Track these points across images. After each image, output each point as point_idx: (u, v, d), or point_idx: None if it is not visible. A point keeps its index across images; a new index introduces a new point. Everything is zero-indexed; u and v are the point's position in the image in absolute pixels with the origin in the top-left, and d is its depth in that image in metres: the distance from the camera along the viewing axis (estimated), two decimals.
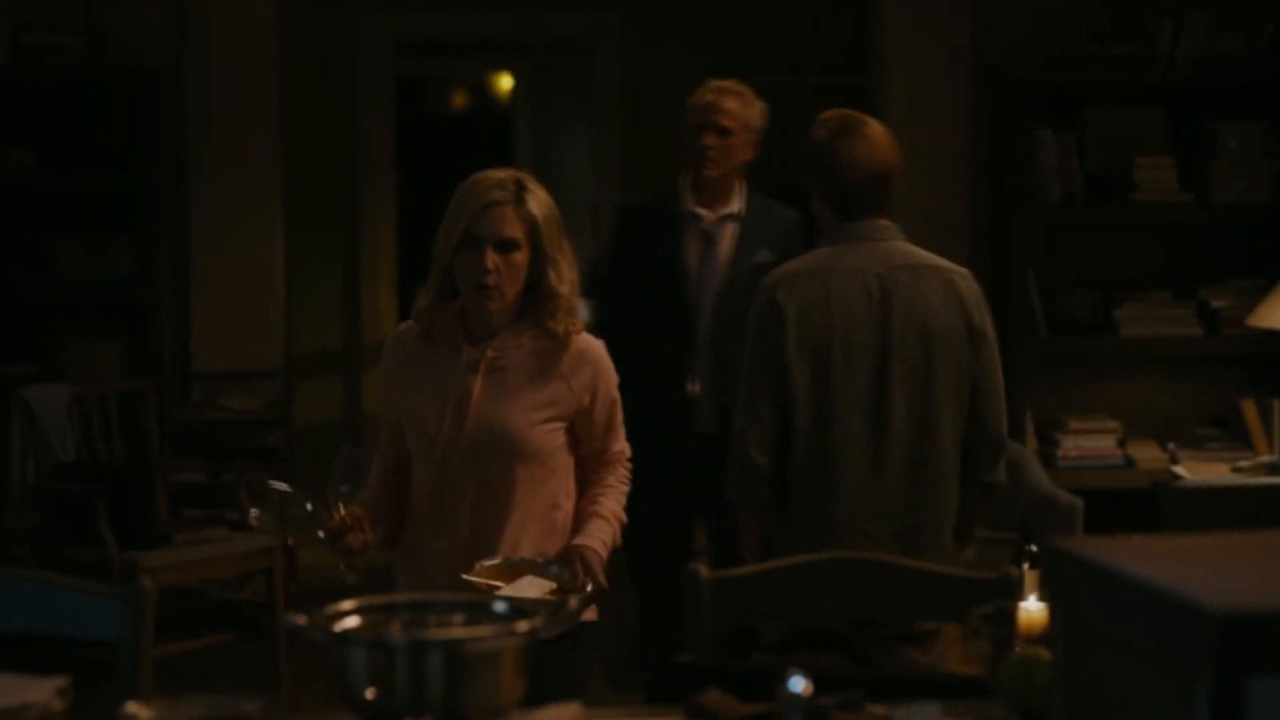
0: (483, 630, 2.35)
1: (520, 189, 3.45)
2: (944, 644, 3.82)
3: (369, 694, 2.26)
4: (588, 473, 3.61)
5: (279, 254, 7.48)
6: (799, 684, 2.26)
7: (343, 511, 3.40)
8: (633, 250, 5.27)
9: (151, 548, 6.25)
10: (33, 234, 7.08)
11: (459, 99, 12.34)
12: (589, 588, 3.26)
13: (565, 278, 3.48)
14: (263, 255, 7.41)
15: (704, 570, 3.17)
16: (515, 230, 3.42)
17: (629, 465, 3.65)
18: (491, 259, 3.41)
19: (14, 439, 6.62)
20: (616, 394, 3.59)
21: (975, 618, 2.80)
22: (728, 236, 5.21)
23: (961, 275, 3.94)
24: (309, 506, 3.38)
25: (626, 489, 3.63)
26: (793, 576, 3.28)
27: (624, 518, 3.59)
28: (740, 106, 5.16)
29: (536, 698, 2.41)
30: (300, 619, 2.35)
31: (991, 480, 3.95)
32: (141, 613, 2.80)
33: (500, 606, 2.49)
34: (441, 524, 3.50)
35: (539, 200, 3.46)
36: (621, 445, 3.65)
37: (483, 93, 12.25)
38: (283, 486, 3.43)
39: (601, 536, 3.49)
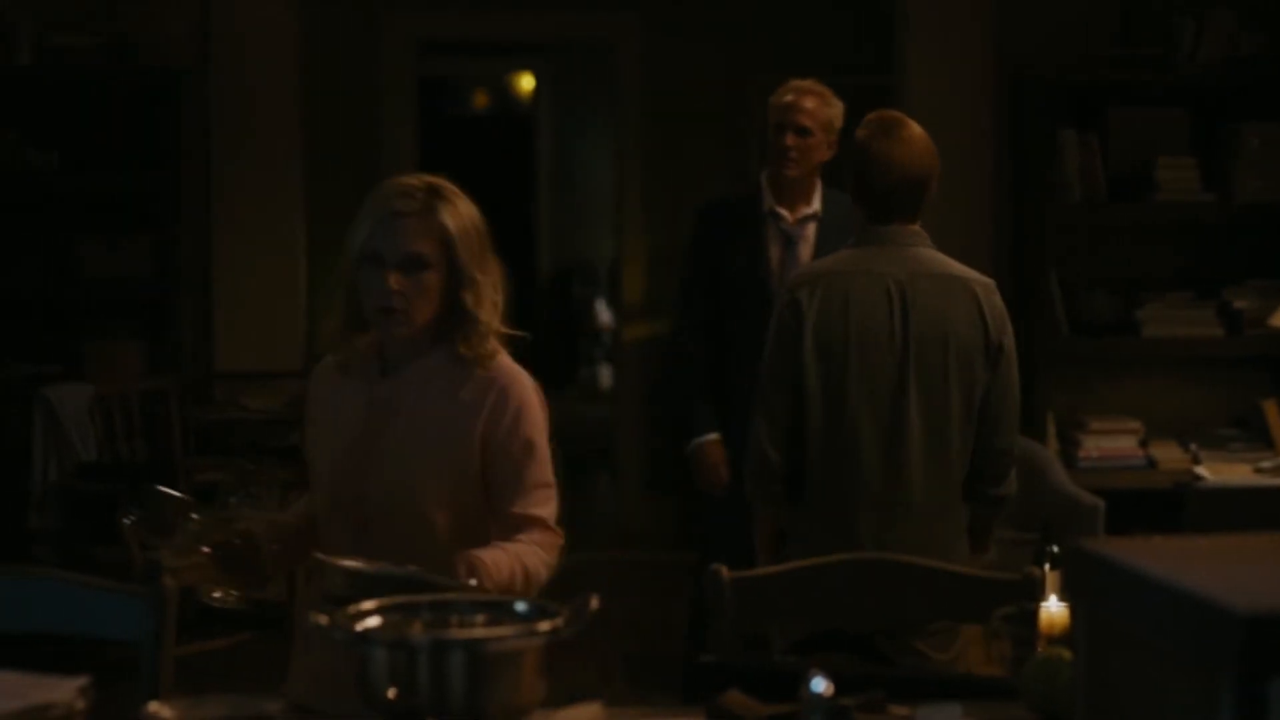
0: (505, 630, 2.35)
1: (431, 196, 2.98)
2: (962, 641, 3.81)
3: (391, 694, 2.26)
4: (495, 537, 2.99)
5: (301, 254, 7.49)
6: (821, 684, 2.26)
7: (237, 529, 2.99)
8: (714, 249, 5.28)
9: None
10: (55, 234, 7.10)
11: (480, 99, 12.36)
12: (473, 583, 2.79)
13: (485, 300, 3.00)
14: (285, 255, 7.42)
15: (724, 571, 3.16)
16: (423, 245, 2.95)
17: (555, 539, 3.03)
18: (394, 279, 2.94)
19: (36, 439, 6.64)
20: (534, 439, 3.02)
21: (997, 619, 2.80)
22: (808, 236, 5.21)
23: (984, 286, 3.92)
24: (194, 516, 2.99)
25: (546, 558, 2.98)
26: (813, 577, 3.27)
27: (530, 571, 2.93)
28: (820, 106, 5.16)
29: None
30: (322, 619, 2.35)
31: (1000, 494, 3.96)
32: (163, 612, 2.80)
33: (522, 606, 2.48)
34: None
35: (455, 211, 2.99)
36: (542, 513, 3.01)
37: (504, 93, 12.26)
38: (171, 492, 3.05)
39: (494, 557, 2.88)
